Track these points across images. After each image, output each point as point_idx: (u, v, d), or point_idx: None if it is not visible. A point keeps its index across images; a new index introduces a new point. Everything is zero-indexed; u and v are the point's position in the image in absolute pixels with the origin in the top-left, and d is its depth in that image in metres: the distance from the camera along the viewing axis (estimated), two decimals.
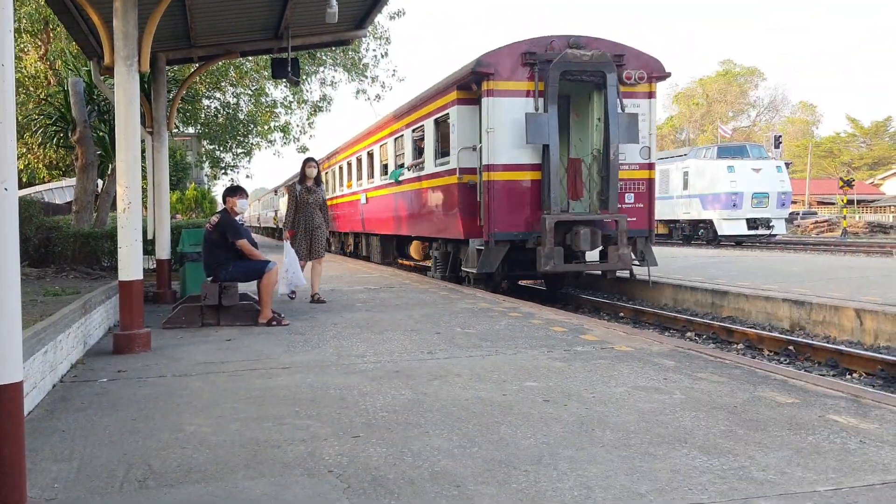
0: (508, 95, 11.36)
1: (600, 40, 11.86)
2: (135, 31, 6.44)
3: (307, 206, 10.07)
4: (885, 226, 44.91)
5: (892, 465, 3.26)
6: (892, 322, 8.18)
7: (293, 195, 10.12)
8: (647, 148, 12.14)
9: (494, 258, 11.47)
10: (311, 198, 10.11)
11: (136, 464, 3.44)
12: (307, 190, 10.11)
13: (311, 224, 10.09)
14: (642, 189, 12.19)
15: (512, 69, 11.39)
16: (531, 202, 11.50)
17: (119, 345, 6.35)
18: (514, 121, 11.27)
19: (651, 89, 12.12)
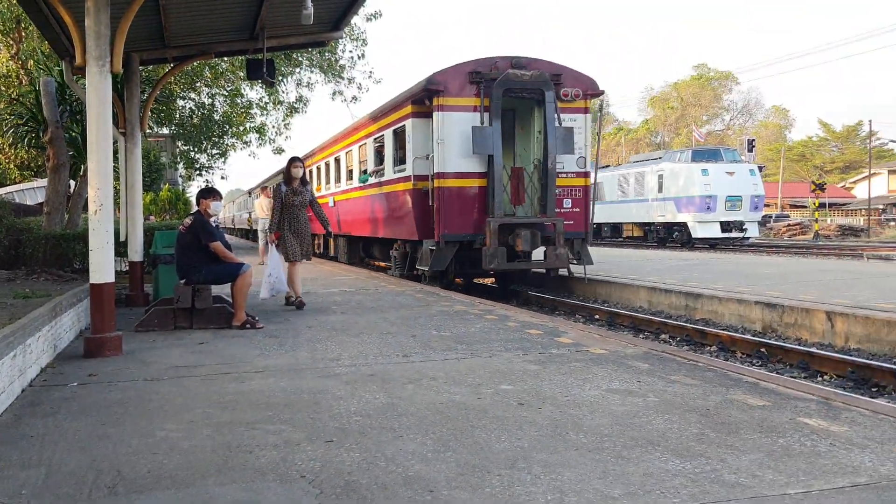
0: (457, 110, 12.49)
1: (540, 61, 13.01)
2: (107, 31, 6.37)
3: (293, 208, 9.73)
4: (856, 229, 45.51)
5: (861, 468, 3.29)
6: (862, 324, 8.28)
7: (278, 196, 9.74)
8: (583, 158, 13.36)
9: (445, 257, 12.59)
10: (297, 199, 9.75)
11: (105, 470, 3.40)
12: (293, 191, 9.74)
13: (298, 226, 9.76)
14: (579, 195, 13.39)
15: (460, 87, 12.51)
16: (478, 206, 12.63)
17: (90, 348, 6.27)
18: (463, 133, 12.35)
19: (586, 105, 13.42)
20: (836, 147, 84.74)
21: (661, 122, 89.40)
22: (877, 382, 6.89)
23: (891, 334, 7.92)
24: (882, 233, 45.00)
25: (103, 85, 6.36)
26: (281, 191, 9.77)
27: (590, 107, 13.46)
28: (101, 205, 6.31)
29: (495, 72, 12.51)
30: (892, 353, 7.82)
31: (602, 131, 13.74)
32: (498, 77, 12.34)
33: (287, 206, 9.72)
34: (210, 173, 30.11)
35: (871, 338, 8.14)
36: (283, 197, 9.71)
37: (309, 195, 9.97)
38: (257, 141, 27.54)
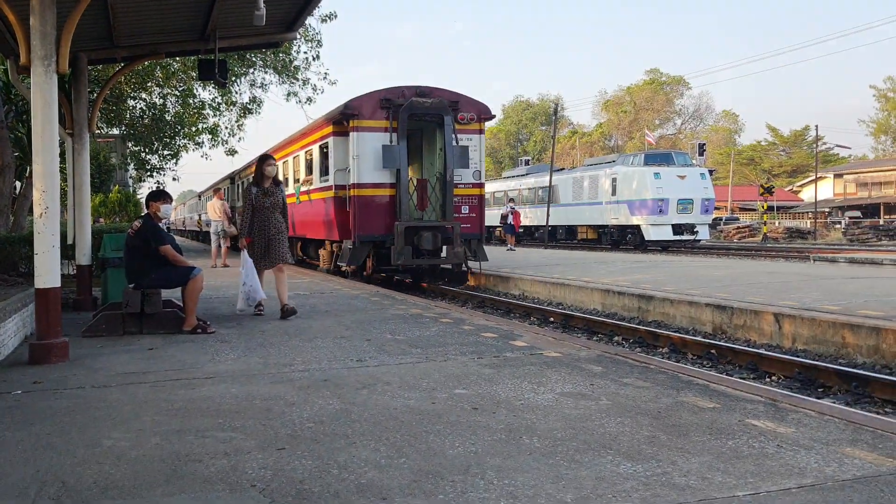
0: (370, 131, 14.74)
1: (440, 90, 15.31)
2: (53, 31, 6.22)
3: (264, 210, 9.00)
4: (803, 231, 46.53)
5: (807, 469, 3.35)
6: (808, 326, 8.46)
7: (248, 198, 9.04)
8: (478, 171, 15.64)
9: (361, 254, 14.94)
10: (269, 201, 9.01)
11: (49, 481, 3.31)
12: (264, 192, 9.02)
13: (268, 230, 9.01)
14: (475, 203, 15.70)
15: (372, 111, 14.76)
16: (388, 212, 14.81)
17: (35, 355, 6.11)
18: (375, 150, 14.60)
19: (480, 127, 15.65)
20: (784, 151, 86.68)
21: (615, 126, 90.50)
22: (823, 383, 7.04)
23: (836, 336, 8.10)
24: (828, 235, 46.11)
25: (49, 85, 6.21)
26: (251, 192, 9.06)
27: (483, 128, 15.85)
28: (46, 207, 6.16)
29: (402, 99, 14.75)
30: (838, 354, 8.01)
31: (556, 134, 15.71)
32: (404, 104, 14.61)
33: (258, 209, 9.02)
34: (161, 174, 29.63)
35: (817, 339, 8.33)
36: (254, 199, 9.01)
37: (281, 196, 9.21)
38: (210, 142, 27.15)
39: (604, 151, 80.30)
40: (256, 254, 9.02)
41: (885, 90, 79.17)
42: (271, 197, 9.03)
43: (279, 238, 9.05)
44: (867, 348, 7.75)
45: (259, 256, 9.02)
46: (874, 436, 3.86)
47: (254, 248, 9.04)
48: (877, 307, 8.94)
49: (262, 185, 9.05)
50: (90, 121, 10.49)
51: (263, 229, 9.03)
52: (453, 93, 15.48)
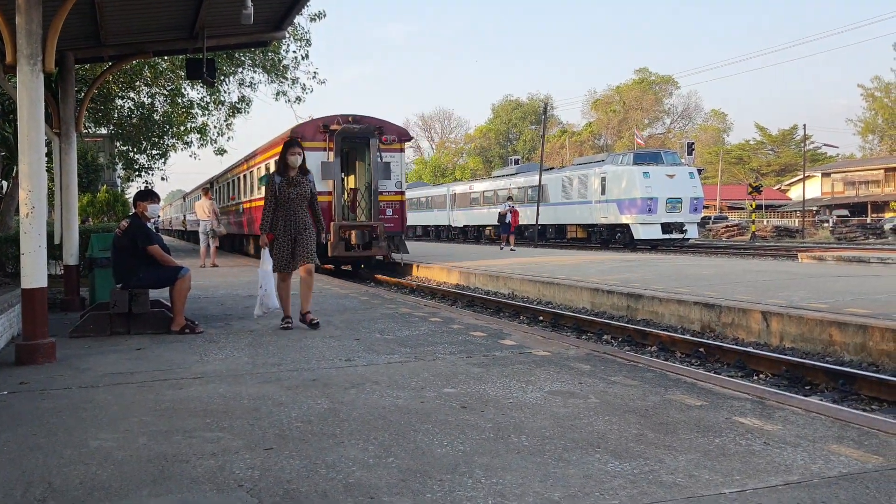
0: (312, 150, 17.77)
1: (369, 118, 19.38)
2: (39, 29, 6.18)
3: (289, 203, 7.96)
4: (791, 230, 46.81)
5: (794, 467, 3.37)
6: (796, 324, 8.50)
7: (271, 189, 8.00)
8: (399, 182, 19.53)
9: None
10: (295, 192, 7.95)
11: (35, 482, 3.29)
12: (289, 182, 7.94)
13: (295, 225, 7.95)
14: (397, 207, 19.50)
15: (314, 134, 18.70)
16: (327, 214, 18.08)
17: (21, 355, 6.08)
18: (315, 165, 17.71)
19: (401, 147, 19.74)
20: (772, 151, 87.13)
21: (604, 126, 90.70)
22: (810, 381, 7.08)
23: (823, 334, 8.15)
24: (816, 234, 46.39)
25: (35, 84, 6.18)
26: (274, 182, 8.00)
27: (404, 147, 19.94)
28: (33, 207, 6.13)
29: (337, 125, 18.74)
30: (825, 351, 8.05)
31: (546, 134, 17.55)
32: (338, 129, 18.68)
33: (282, 202, 7.96)
34: (150, 174, 29.48)
35: (804, 337, 8.37)
36: (277, 189, 7.95)
37: (310, 187, 8.09)
38: (198, 141, 27.04)
39: (593, 151, 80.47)
40: (279, 253, 7.96)
41: (872, 89, 79.64)
42: (297, 188, 7.97)
43: (306, 235, 8.01)
44: (854, 346, 7.80)
45: (282, 256, 7.97)
46: (860, 433, 3.88)
47: (276, 247, 7.98)
48: (864, 305, 8.99)
49: (287, 174, 7.99)
50: (77, 120, 10.43)
51: (288, 225, 7.97)
52: (379, 120, 19.52)
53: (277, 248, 7.93)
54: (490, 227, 42.65)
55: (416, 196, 53.54)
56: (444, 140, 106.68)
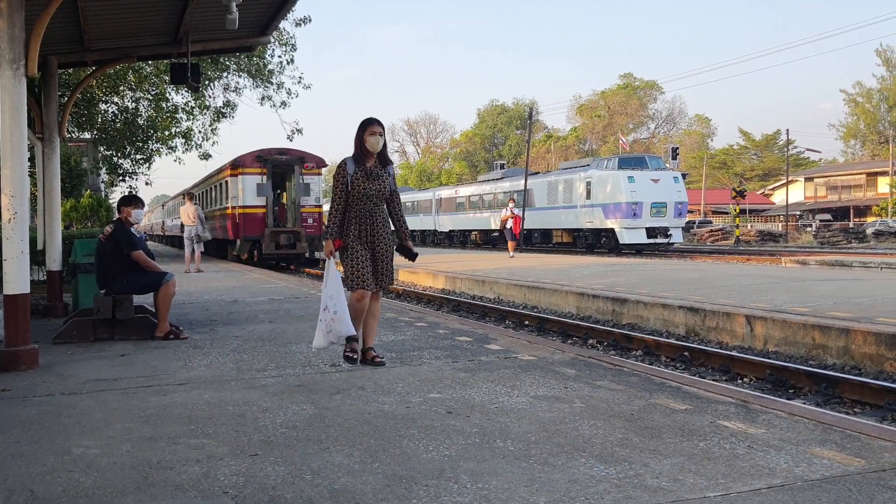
0: (250, 175, 24.04)
1: (293, 150, 24.82)
2: (22, 34, 6.14)
3: (366, 201, 5.98)
4: (774, 234, 47.12)
5: (777, 470, 3.39)
6: (780, 328, 8.56)
7: (341, 182, 5.98)
8: (318, 197, 24.99)
9: (244, 248, 24.30)
10: (374, 187, 5.97)
11: (17, 490, 3.26)
12: (366, 174, 5.97)
13: (372, 230, 5.99)
14: (316, 216, 24.79)
15: (251, 162, 24.18)
16: (262, 222, 23.90)
17: (3, 362, 6.01)
18: (253, 186, 23.92)
19: (319, 171, 25.54)
20: (756, 155, 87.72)
21: (589, 130, 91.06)
22: (794, 384, 7.13)
23: (806, 337, 8.21)
24: (799, 238, 46.75)
25: (18, 89, 6.13)
26: (346, 173, 6.01)
27: (321, 172, 26.19)
28: (15, 212, 6.08)
29: (269, 156, 24.24)
30: (808, 355, 8.11)
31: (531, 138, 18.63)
32: (270, 158, 24.22)
33: (355, 199, 5.99)
34: (134, 179, 29.31)
35: (787, 340, 8.43)
36: (349, 182, 5.99)
37: (391, 182, 6.17)
38: (183, 146, 26.94)
39: (578, 155, 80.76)
40: (356, 265, 5.94)
41: (854, 94, 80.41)
42: (377, 182, 6.02)
43: (386, 245, 6.05)
44: (837, 349, 7.86)
45: (361, 269, 5.94)
46: (843, 436, 3.91)
47: (351, 258, 5.98)
48: (846, 309, 9.07)
49: (364, 162, 6.03)
50: (60, 125, 10.36)
51: (363, 229, 5.99)
52: (301, 151, 24.93)
53: (352, 258, 5.93)
54: (476, 232, 42.69)
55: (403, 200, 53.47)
56: (429, 144, 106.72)
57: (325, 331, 5.90)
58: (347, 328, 5.86)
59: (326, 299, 5.89)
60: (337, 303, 5.84)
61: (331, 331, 5.88)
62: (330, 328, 5.88)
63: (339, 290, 5.87)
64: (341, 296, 5.88)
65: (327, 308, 5.87)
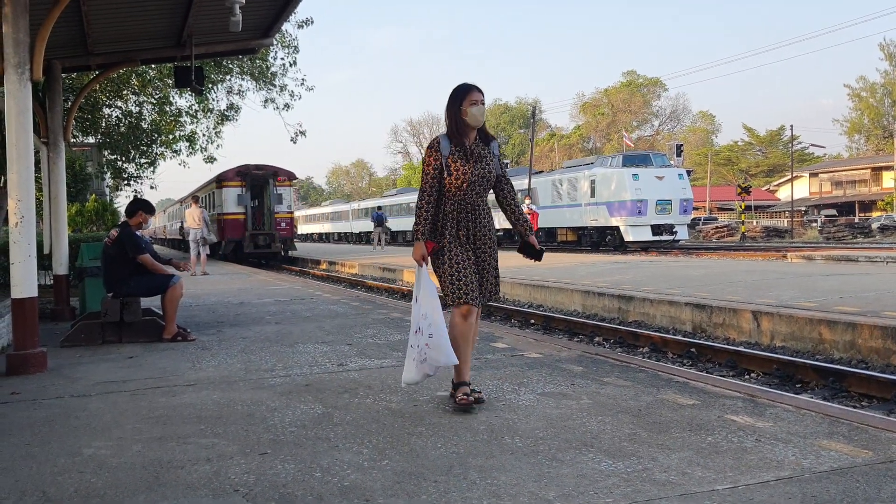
0: (232, 187, 28.70)
1: (268, 166, 29.40)
2: (26, 38, 6.17)
3: (466, 190, 4.67)
4: (780, 230, 47.02)
5: (785, 463, 3.40)
6: (786, 323, 8.55)
7: (433, 167, 4.66)
8: (289, 205, 29.95)
9: (228, 248, 28.19)
10: (476, 171, 4.67)
11: (29, 491, 3.28)
12: (465, 154, 4.68)
13: (474, 226, 4.72)
14: (288, 221, 29.69)
15: (233, 177, 28.80)
16: (243, 226, 28.50)
17: (12, 365, 6.05)
18: (234, 197, 28.66)
19: (290, 183, 30.25)
20: (761, 151, 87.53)
21: (593, 128, 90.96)
22: (800, 379, 7.12)
23: (813, 332, 8.20)
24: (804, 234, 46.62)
25: (23, 93, 6.17)
26: (439, 154, 4.68)
27: (293, 183, 31.13)
28: (22, 217, 6.11)
29: (247, 171, 28.91)
30: (815, 350, 8.10)
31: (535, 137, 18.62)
32: (248, 173, 28.89)
33: (453, 187, 4.67)
34: (139, 183, 29.38)
35: (794, 336, 8.42)
36: (443, 166, 4.66)
37: (497, 164, 4.84)
38: (187, 150, 26.98)
39: (582, 153, 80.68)
40: (456, 272, 4.64)
41: (858, 89, 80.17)
42: (479, 164, 4.71)
43: (490, 245, 4.81)
44: (843, 344, 7.85)
45: (462, 277, 4.64)
46: (850, 428, 3.92)
47: (449, 263, 4.66)
48: (853, 303, 9.06)
49: (462, 139, 4.71)
50: (65, 129, 10.40)
51: (465, 225, 4.72)
52: (275, 167, 29.47)
53: (451, 264, 4.65)
54: None
55: (405, 201, 53.58)
56: None
57: (417, 360, 4.50)
58: (447, 356, 4.44)
59: (418, 319, 4.56)
60: (432, 323, 4.47)
61: (425, 360, 4.48)
62: (424, 356, 4.48)
63: (434, 308, 4.52)
64: (438, 314, 4.51)
65: (420, 331, 4.53)
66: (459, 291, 4.61)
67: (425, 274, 4.59)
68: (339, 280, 21.75)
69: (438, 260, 4.69)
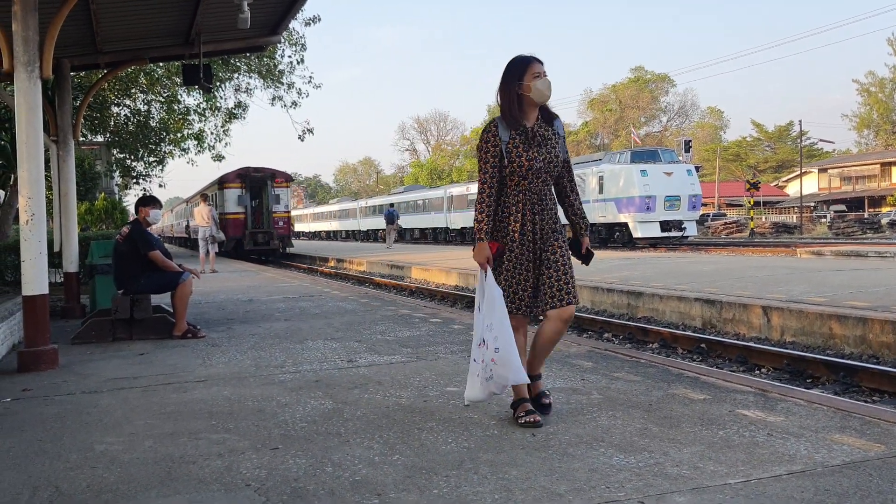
0: (233, 189, 30.46)
1: (266, 168, 31.57)
2: (35, 36, 6.19)
3: (531, 179, 4.13)
4: (789, 226, 46.85)
5: (797, 456, 3.39)
6: (796, 318, 8.52)
7: (492, 154, 4.11)
8: (286, 205, 31.62)
9: (229, 245, 28.76)
10: (541, 157, 4.11)
11: (42, 486, 3.30)
12: (527, 138, 4.12)
13: (540, 220, 4.17)
14: (285, 220, 31.38)
15: (233, 179, 30.53)
16: (243, 224, 30.23)
17: (24, 362, 6.08)
18: (234, 197, 30.37)
19: (288, 185, 32.06)
20: (769, 147, 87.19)
21: (601, 124, 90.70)
22: (811, 374, 7.09)
23: (823, 327, 8.17)
24: (814, 229, 46.44)
25: (33, 91, 6.19)
26: (497, 138, 4.11)
27: (290, 185, 33.02)
28: (32, 214, 6.14)
29: (247, 173, 30.80)
30: (825, 345, 8.07)
31: None
32: (247, 175, 30.77)
33: (515, 177, 4.13)
34: (147, 181, 29.49)
35: (805, 331, 8.39)
36: (503, 154, 4.09)
37: (564, 147, 4.27)
38: (195, 148, 27.07)
39: (590, 150, 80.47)
40: (509, 277, 4.16)
41: (867, 84, 79.72)
42: (545, 148, 4.14)
43: (562, 243, 4.25)
44: (854, 338, 7.82)
45: (515, 284, 4.16)
46: (862, 422, 3.90)
47: (507, 267, 4.17)
48: (863, 298, 9.02)
49: (522, 121, 4.13)
50: (74, 127, 10.44)
51: (529, 219, 4.16)
52: (273, 169, 31.63)
53: (508, 266, 4.15)
54: None
55: (413, 199, 53.55)
56: (440, 142, 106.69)
57: (483, 376, 4.03)
58: (516, 373, 3.96)
59: (482, 330, 4.02)
60: (499, 336, 3.95)
61: (491, 377, 4.00)
62: (490, 373, 3.99)
63: (501, 318, 3.97)
64: (505, 325, 3.96)
65: (484, 343, 4.00)
66: (511, 299, 4.14)
67: (490, 279, 4.04)
68: (347, 277, 21.81)
69: (501, 263, 4.18)
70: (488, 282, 4.03)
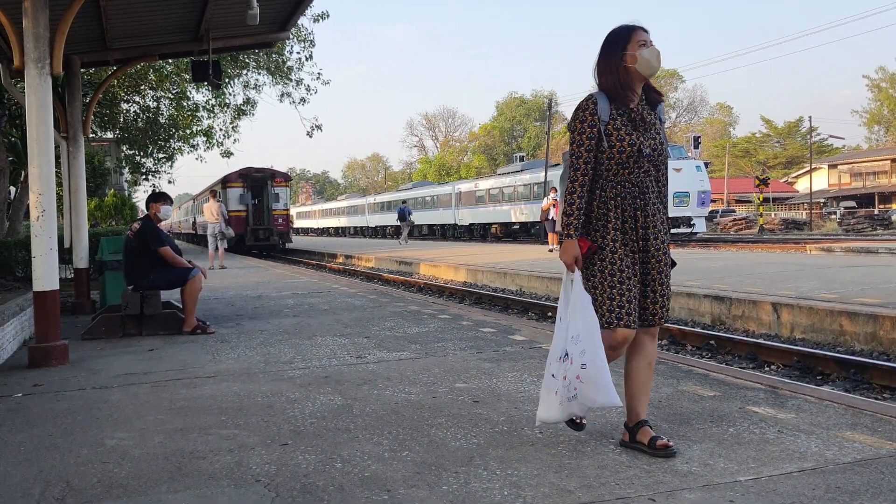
0: (235, 188, 32.18)
1: (266, 169, 33.64)
2: (46, 33, 6.21)
3: (633, 168, 3.53)
4: (799, 222, 46.66)
5: (807, 453, 3.37)
6: (806, 315, 8.49)
7: (587, 136, 3.49)
8: (286, 204, 33.56)
9: (232, 241, 24.67)
10: (646, 140, 3.54)
11: (53, 481, 3.32)
12: (627, 121, 3.53)
13: (645, 215, 3.57)
14: (284, 217, 33.25)
15: (235, 179, 32.24)
16: (245, 221, 31.59)
17: (35, 358, 6.11)
18: (237, 196, 31.98)
19: (287, 184, 34.28)
20: (779, 143, 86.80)
21: None
22: (821, 370, 7.06)
23: (834, 324, 8.13)
24: (823, 226, 46.26)
25: (43, 88, 6.21)
26: (596, 118, 3.50)
27: (289, 185, 34.98)
28: (43, 210, 6.16)
29: (248, 173, 32.34)
30: (836, 341, 8.04)
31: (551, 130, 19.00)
32: (248, 175, 32.33)
33: (616, 164, 3.52)
34: (157, 177, 29.58)
35: (814, 327, 8.35)
36: (600, 136, 3.49)
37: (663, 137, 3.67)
38: (204, 144, 27.11)
39: None
40: (613, 283, 3.50)
41: (877, 80, 79.31)
42: (649, 132, 3.58)
43: (662, 242, 3.68)
44: (865, 335, 7.78)
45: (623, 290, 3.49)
46: (873, 419, 3.88)
47: (600, 270, 3.54)
48: (873, 295, 8.97)
49: (626, 98, 3.54)
50: (84, 124, 10.48)
51: (631, 215, 3.57)
52: (273, 170, 33.86)
53: (609, 270, 3.52)
54: (496, 225, 42.60)
55: (422, 195, 53.56)
56: (448, 139, 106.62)
57: (564, 395, 3.43)
58: (607, 394, 3.38)
59: (566, 343, 3.45)
60: (587, 350, 3.36)
61: (574, 396, 3.40)
62: (574, 392, 3.40)
63: (591, 329, 3.39)
64: (595, 338, 3.38)
65: (567, 357, 3.43)
66: (619, 310, 3.46)
67: (578, 283, 3.46)
68: (356, 273, 21.85)
69: (591, 263, 3.55)
70: (575, 286, 3.46)
